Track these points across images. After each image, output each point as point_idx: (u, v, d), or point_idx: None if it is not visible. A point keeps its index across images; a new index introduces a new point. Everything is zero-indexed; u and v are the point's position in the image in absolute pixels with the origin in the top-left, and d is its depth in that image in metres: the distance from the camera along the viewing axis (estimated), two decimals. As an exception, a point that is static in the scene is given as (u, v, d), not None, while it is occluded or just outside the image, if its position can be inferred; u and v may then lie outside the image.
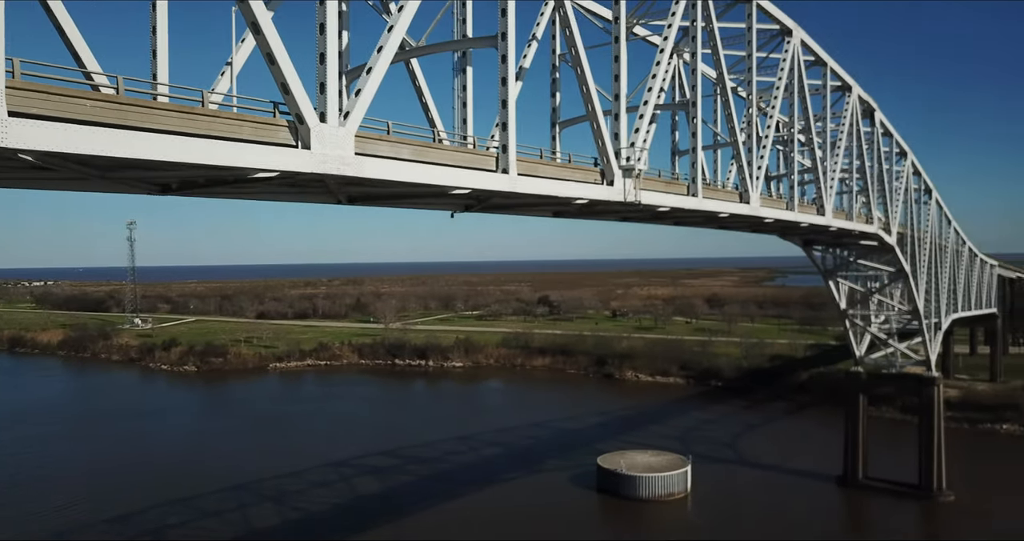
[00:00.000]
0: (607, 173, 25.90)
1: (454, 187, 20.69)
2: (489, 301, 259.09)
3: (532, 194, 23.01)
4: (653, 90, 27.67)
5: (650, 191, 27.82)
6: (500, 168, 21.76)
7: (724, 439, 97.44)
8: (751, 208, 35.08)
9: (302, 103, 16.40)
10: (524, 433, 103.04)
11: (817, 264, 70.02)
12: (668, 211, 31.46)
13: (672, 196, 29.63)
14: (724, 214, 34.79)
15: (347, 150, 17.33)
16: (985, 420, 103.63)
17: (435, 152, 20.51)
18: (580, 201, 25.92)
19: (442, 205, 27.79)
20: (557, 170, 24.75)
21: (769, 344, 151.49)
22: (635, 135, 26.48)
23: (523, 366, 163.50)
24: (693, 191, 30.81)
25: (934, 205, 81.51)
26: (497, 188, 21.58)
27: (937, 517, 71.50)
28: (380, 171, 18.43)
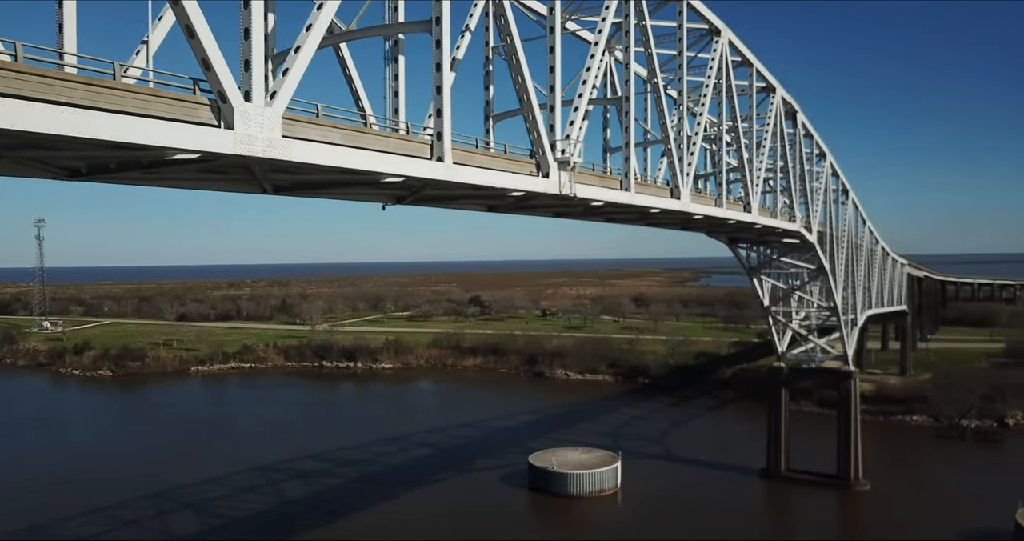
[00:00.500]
0: (543, 165, 25.60)
1: (387, 174, 19.89)
2: (419, 301, 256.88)
3: (467, 184, 22.43)
4: (588, 83, 27.57)
5: (585, 185, 27.71)
6: (435, 156, 21.12)
7: (652, 435, 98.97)
8: (682, 204, 35.47)
9: (225, 80, 15.39)
10: (455, 433, 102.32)
11: (742, 262, 71.80)
12: (602, 206, 31.44)
13: (606, 191, 29.59)
14: (656, 210, 35.06)
15: (274, 132, 16.38)
16: (897, 412, 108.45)
17: (367, 137, 19.71)
18: (516, 193, 25.54)
19: (373, 196, 26.91)
20: (493, 161, 24.28)
21: (694, 342, 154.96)
22: (570, 128, 26.28)
23: (454, 366, 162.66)
24: (626, 186, 30.87)
25: (851, 205, 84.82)
26: (432, 176, 20.93)
27: (854, 505, 74.21)
28: (309, 155, 17.49)
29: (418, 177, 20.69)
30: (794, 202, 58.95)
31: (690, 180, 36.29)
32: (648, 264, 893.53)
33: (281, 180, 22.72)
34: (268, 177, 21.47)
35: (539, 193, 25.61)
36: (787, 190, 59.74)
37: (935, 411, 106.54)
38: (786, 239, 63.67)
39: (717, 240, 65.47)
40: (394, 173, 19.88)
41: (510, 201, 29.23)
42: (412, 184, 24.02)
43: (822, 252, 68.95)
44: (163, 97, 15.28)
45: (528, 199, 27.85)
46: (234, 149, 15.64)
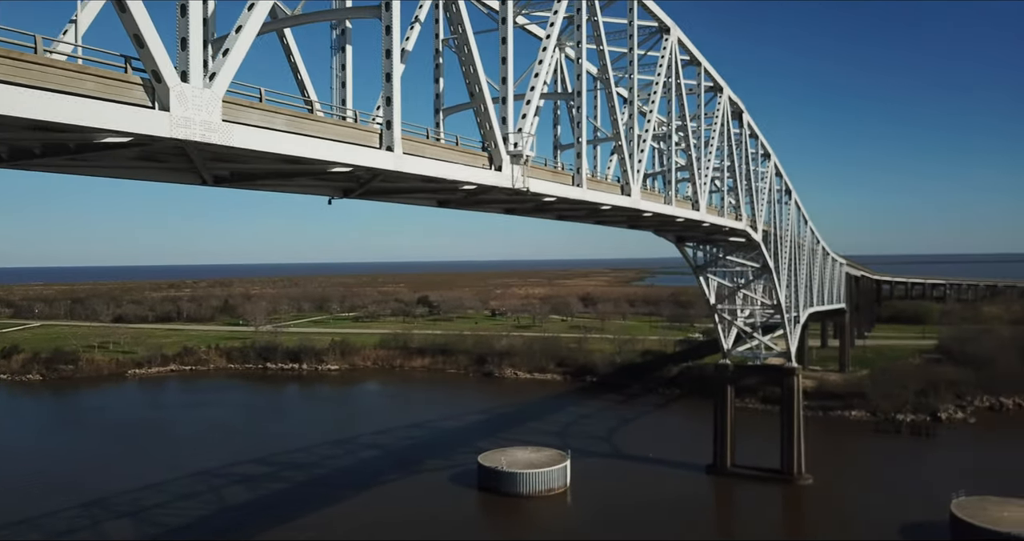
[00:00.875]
0: (495, 158, 25.08)
1: (334, 163, 19.06)
2: (366, 302, 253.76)
3: (418, 175, 21.74)
4: (540, 76, 27.18)
5: (538, 180, 27.31)
6: (384, 145, 20.39)
7: (601, 433, 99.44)
8: (632, 201, 35.42)
9: (159, 59, 14.37)
10: (404, 434, 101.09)
11: (689, 260, 72.58)
12: (554, 202, 31.11)
13: (558, 186, 29.25)
14: (607, 206, 34.93)
15: (213, 115, 15.42)
16: (837, 408, 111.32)
17: (313, 124, 18.85)
18: (468, 186, 24.94)
19: (319, 188, 25.92)
20: (444, 152, 23.64)
21: (641, 340, 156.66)
22: (522, 121, 25.85)
23: (402, 367, 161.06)
24: (578, 182, 30.61)
25: (793, 205, 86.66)
26: (382, 166, 20.13)
27: (797, 499, 75.75)
28: (252, 141, 16.55)
29: (367, 167, 19.90)
30: (740, 201, 59.80)
31: (640, 177, 36.29)
32: (594, 264, 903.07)
33: (222, 170, 21.63)
34: (208, 166, 20.40)
35: (492, 187, 25.09)
36: (733, 189, 60.58)
37: (872, 406, 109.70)
38: (732, 238, 64.54)
39: (664, 239, 66.02)
40: (341, 162, 19.05)
41: (461, 195, 28.64)
42: (360, 175, 23.20)
43: (767, 251, 70.20)
44: (91, 74, 14.16)
45: (480, 193, 27.33)
46: (170, 132, 14.64)
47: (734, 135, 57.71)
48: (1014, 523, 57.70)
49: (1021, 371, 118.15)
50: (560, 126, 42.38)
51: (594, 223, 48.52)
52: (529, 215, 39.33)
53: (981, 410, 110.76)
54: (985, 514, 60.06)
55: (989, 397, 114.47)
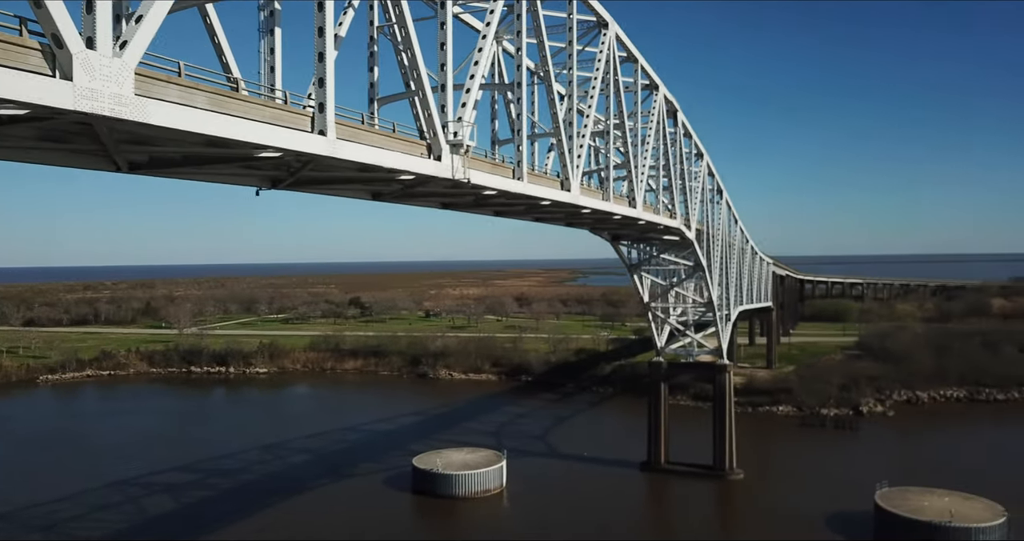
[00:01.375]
0: (434, 147, 24.05)
1: (263, 146, 17.67)
2: (296, 303, 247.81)
3: (353, 162, 20.52)
4: (480, 65, 26.25)
5: (478, 171, 26.42)
6: (316, 129, 19.15)
7: (536, 432, 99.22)
8: (572, 196, 34.95)
9: (61, 21, 12.72)
10: (336, 438, 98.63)
11: (624, 259, 72.91)
12: (493, 196, 30.30)
13: (499, 179, 28.42)
14: (547, 202, 34.35)
15: (124, 87, 13.86)
16: (765, 403, 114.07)
17: (239, 104, 17.40)
18: (406, 176, 23.81)
19: (245, 177, 24.30)
20: (381, 139, 22.45)
21: (575, 339, 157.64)
22: (462, 110, 24.93)
23: (334, 369, 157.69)
24: (518, 175, 29.87)
25: (724, 205, 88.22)
26: (314, 151, 18.82)
27: (728, 494, 76.98)
28: (171, 118, 15.04)
29: (298, 151, 18.57)
30: (675, 200, 60.27)
31: (580, 173, 35.85)
32: (528, 265, 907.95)
33: (137, 154, 19.92)
34: (121, 149, 18.68)
35: (430, 177, 24.05)
36: (668, 188, 61.02)
37: (798, 402, 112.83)
38: (667, 236, 65.06)
39: (600, 237, 66.08)
40: (271, 146, 17.65)
41: (398, 187, 27.50)
42: (290, 162, 21.86)
43: (700, 249, 71.08)
44: (-23, 35, 12.52)
45: (417, 185, 26.28)
46: (74, 104, 13.02)
47: (669, 134, 58.09)
48: (935, 512, 59.81)
49: (935, 366, 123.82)
50: (498, 120, 41.66)
51: (532, 220, 47.95)
52: (467, 210, 38.40)
53: (899, 404, 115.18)
54: (907, 504, 62.12)
55: (906, 391, 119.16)
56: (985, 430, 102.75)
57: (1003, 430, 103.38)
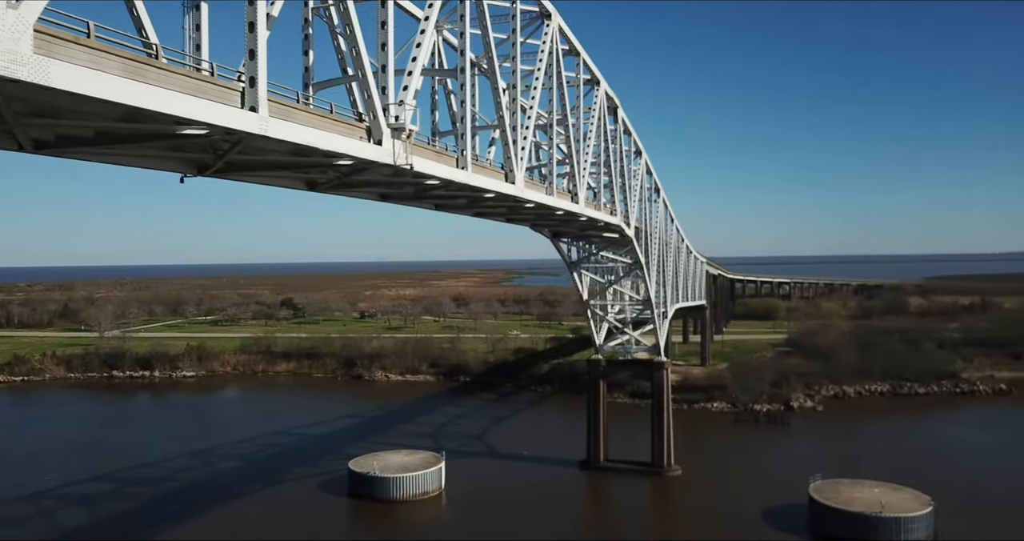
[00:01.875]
0: (374, 131, 22.67)
1: (188, 121, 15.92)
2: (225, 305, 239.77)
3: (287, 143, 18.91)
4: (422, 48, 24.96)
5: (421, 158, 25.14)
6: (247, 105, 17.58)
7: (475, 433, 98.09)
8: (517, 189, 34.00)
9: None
10: (268, 442, 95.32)
11: (564, 256, 72.51)
12: (436, 186, 29.08)
13: (443, 167, 27.18)
14: (491, 194, 33.33)
15: (20, 44, 12.02)
16: (700, 400, 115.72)
17: (159, 73, 15.53)
18: (344, 162, 22.35)
19: (168, 160, 22.35)
20: (317, 120, 20.91)
21: (513, 338, 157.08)
22: (404, 93, 23.61)
23: (265, 372, 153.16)
24: (463, 165, 28.72)
25: (662, 204, 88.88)
26: (244, 128, 17.14)
27: (667, 490, 77.41)
28: (76, 82, 13.14)
29: (226, 128, 16.95)
30: (615, 197, 60.09)
31: (524, 165, 34.94)
32: (463, 265, 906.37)
33: (43, 130, 17.94)
34: (22, 123, 16.60)
35: (371, 162, 22.63)
36: (609, 186, 60.81)
37: (732, 398, 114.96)
38: (607, 233, 64.88)
39: (541, 234, 65.46)
40: (196, 120, 15.94)
41: (334, 175, 25.98)
42: (218, 143, 20.17)
43: (639, 247, 71.20)
44: None
45: (356, 172, 24.84)
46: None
47: (609, 131, 57.85)
48: (866, 503, 61.25)
49: (860, 362, 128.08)
50: (438, 112, 40.35)
51: (472, 214, 46.86)
52: (406, 202, 36.99)
53: (827, 399, 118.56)
54: (839, 496, 63.48)
55: (834, 386, 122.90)
56: (908, 423, 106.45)
57: (925, 423, 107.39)
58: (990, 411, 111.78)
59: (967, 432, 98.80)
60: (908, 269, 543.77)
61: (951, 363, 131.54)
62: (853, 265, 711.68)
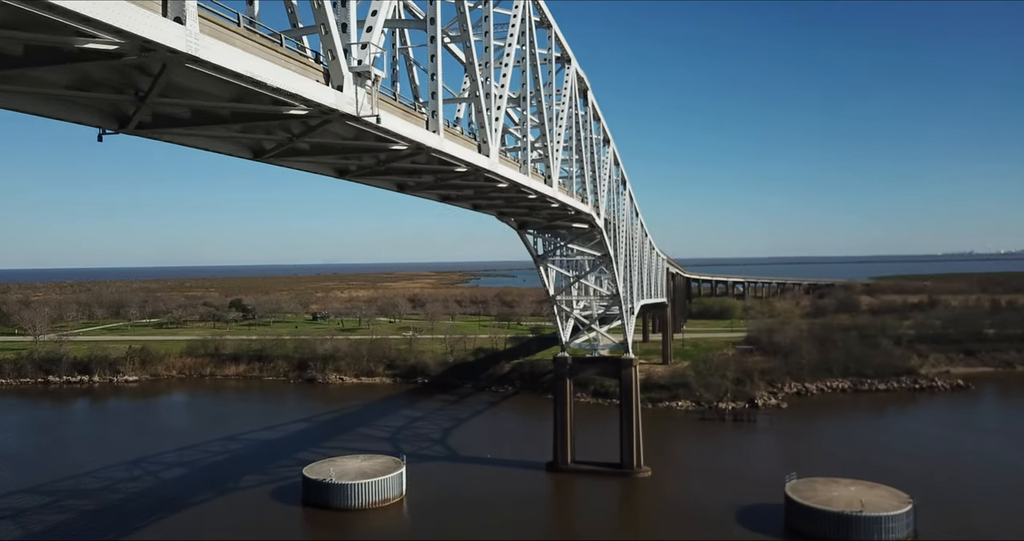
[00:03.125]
0: (334, 74, 18.90)
1: (91, 23, 12.01)
2: (170, 307, 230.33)
3: (228, 72, 14.94)
4: None
5: (388, 114, 21.52)
6: (171, 15, 13.72)
7: (436, 436, 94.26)
8: (491, 163, 30.58)
9: None
10: (216, 449, 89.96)
11: (530, 249, 69.27)
12: (402, 153, 25.50)
13: (413, 127, 23.60)
14: (463, 167, 29.90)
15: None
16: (664, 398, 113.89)
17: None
18: (297, 111, 18.56)
19: (75, 104, 18.12)
20: (263, 51, 17.11)
21: (472, 339, 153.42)
22: (367, 34, 19.98)
23: (213, 375, 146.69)
24: (434, 128, 25.19)
25: (628, 197, 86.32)
26: (166, 42, 12.87)
27: (637, 492, 74.65)
28: None
29: (143, 41, 12.98)
30: (586, 184, 57.14)
31: (499, 137, 31.59)
32: (416, 268, 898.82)
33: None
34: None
35: (330, 112, 18.83)
36: (580, 176, 57.80)
37: (696, 396, 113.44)
38: (576, 224, 61.92)
39: (506, 224, 62.14)
40: (100, 21, 11.96)
41: (284, 137, 22.15)
42: (134, 77, 16.29)
43: (608, 239, 68.37)
44: None
45: (310, 131, 21.15)
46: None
47: (580, 116, 54.86)
48: (845, 502, 59.37)
49: (820, 359, 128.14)
50: (399, 83, 36.66)
51: (438, 198, 43.24)
52: (366, 179, 33.10)
53: (790, 396, 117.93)
54: (817, 495, 61.55)
55: (796, 383, 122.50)
56: (872, 419, 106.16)
57: (889, 419, 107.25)
58: (951, 406, 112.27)
59: (932, 428, 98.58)
60: (853, 270, 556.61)
61: (908, 359, 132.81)
62: (799, 266, 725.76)
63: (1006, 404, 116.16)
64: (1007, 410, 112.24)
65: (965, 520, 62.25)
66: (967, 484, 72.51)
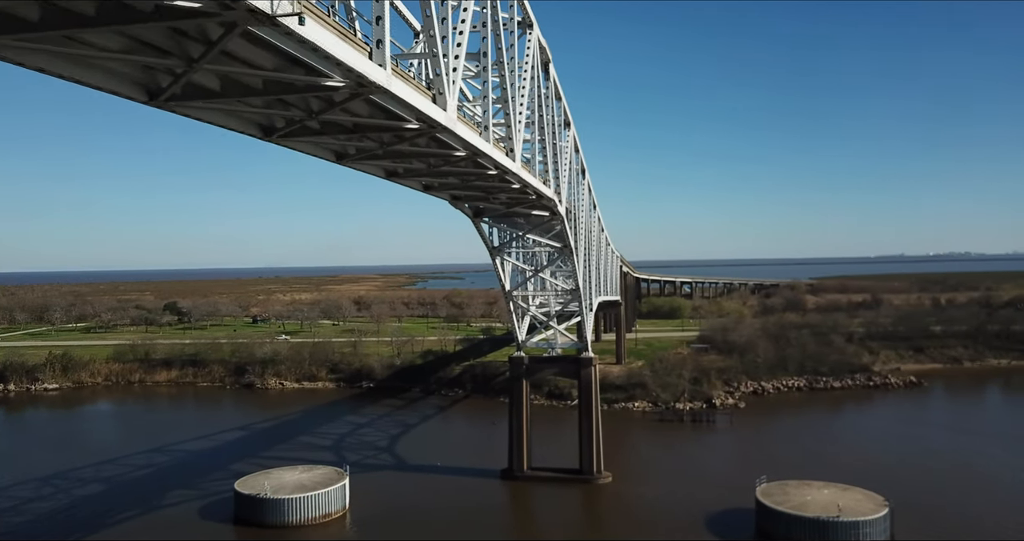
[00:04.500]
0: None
1: None
2: (99, 310, 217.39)
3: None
4: None
5: (317, 25, 16.33)
6: None
7: (382, 444, 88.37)
8: (448, 118, 25.49)
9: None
10: (141, 462, 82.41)
11: (485, 239, 64.16)
12: (339, 91, 20.25)
13: (357, 55, 18.31)
14: (415, 124, 24.80)
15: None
16: (620, 399, 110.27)
17: None
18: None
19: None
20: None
21: (420, 341, 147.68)
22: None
23: (143, 382, 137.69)
24: (380, 61, 20.00)
25: (587, 187, 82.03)
26: None
27: (598, 499, 70.21)
28: None
29: None
30: (549, 167, 52.46)
31: (457, 90, 26.58)
32: (360, 271, 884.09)
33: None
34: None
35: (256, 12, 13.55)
36: (544, 160, 53.05)
37: (653, 397, 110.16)
38: (536, 211, 57.17)
39: (460, 210, 56.97)
40: None
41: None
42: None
43: (569, 229, 63.80)
44: None
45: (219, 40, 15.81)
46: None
47: (543, 92, 50.11)
48: (820, 506, 56.01)
49: (775, 357, 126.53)
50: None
51: (384, 172, 37.86)
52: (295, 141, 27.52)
53: (747, 395, 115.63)
54: (789, 499, 58.07)
55: (752, 382, 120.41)
56: (832, 418, 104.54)
57: (848, 417, 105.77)
58: (907, 403, 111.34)
59: (894, 425, 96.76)
60: (794, 271, 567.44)
61: (860, 357, 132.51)
62: (740, 267, 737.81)
63: (961, 400, 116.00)
64: (963, 406, 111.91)
65: (941, 522, 59.64)
66: (938, 483, 70.29)
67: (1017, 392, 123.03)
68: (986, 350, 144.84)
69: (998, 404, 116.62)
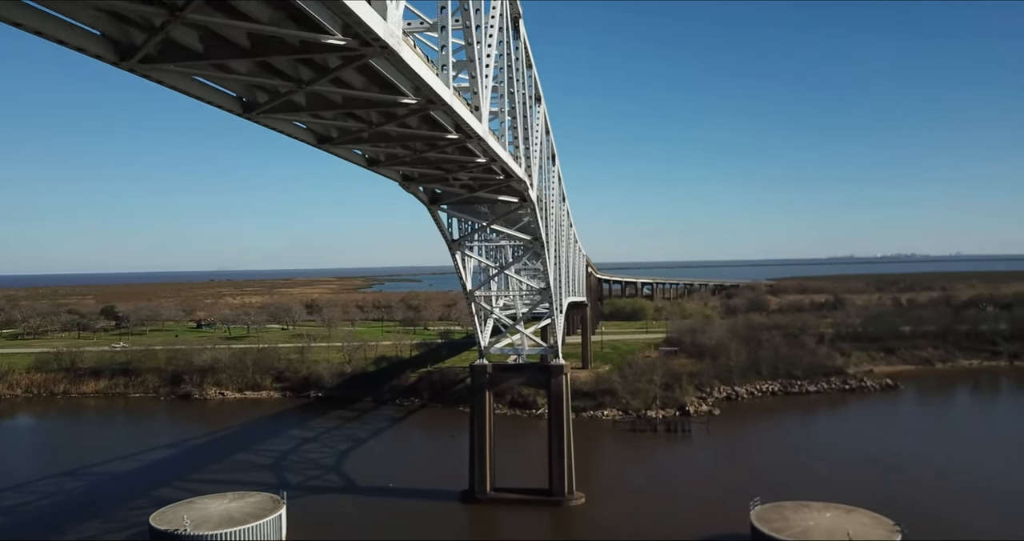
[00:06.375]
0: None
1: None
2: (28, 315, 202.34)
3: None
4: None
5: None
6: None
7: (328, 462, 79.34)
8: (387, 30, 17.55)
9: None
10: (48, 490, 72.03)
11: (443, 231, 55.86)
12: None
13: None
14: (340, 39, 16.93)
15: None
16: (589, 407, 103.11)
17: None
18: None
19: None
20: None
21: (373, 346, 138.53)
22: None
23: (68, 393, 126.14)
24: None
25: (557, 176, 74.38)
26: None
27: (570, 524, 62.44)
28: None
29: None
30: (520, 146, 44.62)
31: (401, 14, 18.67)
32: (317, 274, 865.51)
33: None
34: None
35: None
36: (515, 139, 45.11)
37: (623, 404, 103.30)
38: (503, 196, 49.33)
39: (415, 195, 48.74)
40: None
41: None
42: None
43: (540, 218, 55.97)
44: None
45: None
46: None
47: (512, 54, 42.30)
48: (824, 532, 49.31)
49: (747, 360, 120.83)
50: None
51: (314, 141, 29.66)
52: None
53: (721, 401, 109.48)
54: (789, 525, 51.20)
55: (725, 387, 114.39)
56: (811, 425, 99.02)
57: (827, 424, 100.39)
58: (885, 407, 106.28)
59: (879, 432, 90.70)
60: (749, 272, 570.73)
61: (833, 359, 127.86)
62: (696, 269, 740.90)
63: (938, 404, 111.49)
64: (942, 410, 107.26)
65: (956, 546, 53.37)
66: (942, 499, 63.97)
67: (990, 394, 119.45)
68: (956, 351, 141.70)
69: (977, 407, 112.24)
